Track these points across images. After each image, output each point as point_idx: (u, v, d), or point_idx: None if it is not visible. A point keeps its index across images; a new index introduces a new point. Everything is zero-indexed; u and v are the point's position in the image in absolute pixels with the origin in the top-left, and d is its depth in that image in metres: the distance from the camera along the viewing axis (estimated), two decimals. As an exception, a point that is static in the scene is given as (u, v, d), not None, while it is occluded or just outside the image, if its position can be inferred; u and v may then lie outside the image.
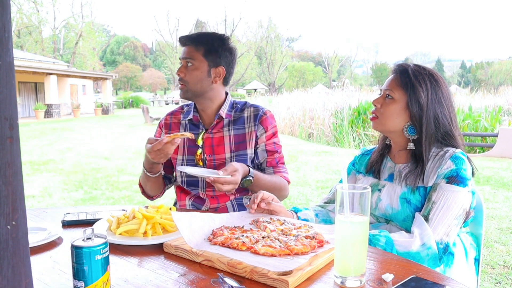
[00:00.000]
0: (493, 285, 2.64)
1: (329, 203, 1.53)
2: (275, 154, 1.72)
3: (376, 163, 1.46)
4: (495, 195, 4.87)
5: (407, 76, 1.32)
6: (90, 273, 0.82)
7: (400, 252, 1.16)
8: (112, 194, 5.26)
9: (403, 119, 1.34)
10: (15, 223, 0.59)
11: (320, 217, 1.46)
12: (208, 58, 1.65)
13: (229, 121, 1.72)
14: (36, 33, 39.65)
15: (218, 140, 1.70)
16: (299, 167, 6.81)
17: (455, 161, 1.25)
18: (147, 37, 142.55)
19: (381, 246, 1.15)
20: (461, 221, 1.24)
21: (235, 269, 0.94)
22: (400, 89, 1.33)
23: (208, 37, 1.68)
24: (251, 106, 1.76)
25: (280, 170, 1.72)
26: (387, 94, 1.36)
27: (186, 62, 1.65)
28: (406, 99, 1.32)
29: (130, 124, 16.53)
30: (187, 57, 1.65)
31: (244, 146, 1.70)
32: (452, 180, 1.23)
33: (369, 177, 1.47)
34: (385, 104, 1.36)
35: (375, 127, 1.41)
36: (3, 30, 0.57)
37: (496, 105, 11.86)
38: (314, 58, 71.93)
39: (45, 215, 1.46)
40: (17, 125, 0.60)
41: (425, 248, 1.17)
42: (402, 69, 1.36)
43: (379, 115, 1.37)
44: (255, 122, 1.71)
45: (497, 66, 54.54)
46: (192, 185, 1.72)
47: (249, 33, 55.59)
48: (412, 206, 1.29)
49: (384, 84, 1.40)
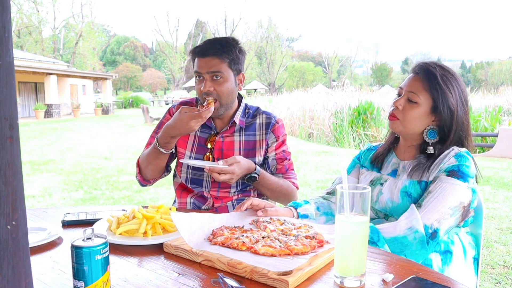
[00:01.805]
0: (493, 285, 2.64)
1: (332, 194, 1.53)
2: (284, 161, 1.73)
3: (381, 155, 1.46)
4: (495, 195, 4.87)
5: (436, 82, 1.29)
6: (90, 273, 0.82)
7: (387, 238, 1.16)
8: (112, 194, 5.26)
9: (425, 123, 1.32)
10: (15, 223, 0.59)
11: (322, 210, 1.46)
12: (233, 67, 1.62)
13: (241, 126, 1.71)
14: (36, 33, 39.64)
15: (228, 144, 1.70)
16: (299, 167, 6.81)
17: (459, 158, 1.25)
18: (147, 37, 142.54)
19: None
20: (458, 214, 1.22)
21: (235, 269, 0.94)
22: (426, 93, 1.30)
23: (229, 45, 1.61)
24: (263, 113, 1.76)
25: (289, 176, 1.73)
26: (409, 97, 1.32)
27: (213, 75, 1.58)
28: (431, 103, 1.30)
29: (130, 124, 16.53)
30: (215, 70, 1.57)
31: (254, 154, 1.70)
32: (453, 174, 1.23)
33: (372, 171, 1.47)
34: (408, 107, 1.32)
35: (394, 128, 1.38)
36: (3, 30, 0.57)
37: (496, 105, 11.85)
38: (314, 58, 71.90)
39: (45, 215, 1.46)
40: (17, 125, 0.60)
41: (412, 231, 1.16)
42: (428, 72, 1.31)
43: (400, 117, 1.34)
44: (267, 130, 1.71)
45: (497, 66, 54.54)
46: (196, 183, 1.72)
47: (249, 33, 55.65)
48: (412, 200, 1.29)
49: (405, 84, 1.35)
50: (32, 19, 39.15)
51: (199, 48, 1.61)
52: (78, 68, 37.99)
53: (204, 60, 1.58)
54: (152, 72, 62.08)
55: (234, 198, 1.70)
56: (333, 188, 1.55)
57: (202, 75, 1.59)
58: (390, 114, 1.37)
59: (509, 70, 50.52)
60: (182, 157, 1.73)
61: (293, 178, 1.73)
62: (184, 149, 1.73)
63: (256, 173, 1.57)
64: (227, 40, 1.64)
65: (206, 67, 1.57)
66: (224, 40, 1.64)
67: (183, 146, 1.74)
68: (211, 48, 1.58)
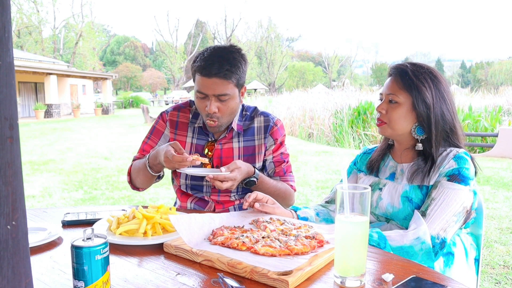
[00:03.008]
0: (493, 285, 2.64)
1: (330, 202, 1.53)
2: (282, 164, 1.70)
3: (377, 161, 1.46)
4: (495, 195, 4.86)
5: (408, 78, 1.31)
6: (90, 273, 0.82)
7: (394, 246, 1.16)
8: (112, 194, 5.26)
9: (411, 120, 1.33)
10: (15, 223, 0.59)
11: (321, 216, 1.46)
12: (239, 85, 1.55)
13: (239, 132, 1.66)
14: (36, 33, 39.63)
15: (227, 151, 1.65)
16: (299, 167, 6.81)
17: (458, 160, 1.25)
18: (147, 37, 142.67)
19: (375, 242, 1.15)
20: (461, 219, 1.23)
21: (235, 269, 0.94)
22: (403, 91, 1.32)
23: (237, 63, 1.51)
24: (261, 115, 1.70)
25: (287, 179, 1.71)
26: (390, 99, 1.34)
27: (219, 96, 1.50)
28: (411, 100, 1.31)
29: (130, 124, 16.53)
30: (222, 93, 1.49)
31: (253, 160, 1.66)
32: (454, 178, 1.23)
33: (370, 176, 1.46)
34: (391, 109, 1.34)
35: (384, 133, 1.39)
36: (3, 30, 0.57)
37: (496, 105, 11.86)
38: (314, 58, 71.91)
39: (45, 215, 1.46)
40: (17, 125, 0.60)
41: (419, 242, 1.16)
42: (400, 71, 1.34)
43: (386, 120, 1.35)
44: (265, 134, 1.67)
45: (497, 66, 54.51)
46: (196, 189, 1.68)
47: (249, 33, 55.61)
48: (413, 205, 1.29)
49: (384, 88, 1.38)
50: (32, 19, 39.15)
51: (204, 67, 1.48)
52: (78, 68, 37.99)
53: (210, 81, 1.47)
54: (152, 72, 62.08)
55: (236, 203, 1.68)
56: (331, 196, 1.55)
57: (206, 95, 1.51)
58: (377, 121, 1.39)
59: (509, 70, 50.51)
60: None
61: (291, 181, 1.71)
62: None
63: (255, 177, 1.55)
64: (234, 57, 1.51)
65: (212, 90, 1.48)
66: (231, 57, 1.51)
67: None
68: (219, 70, 1.46)
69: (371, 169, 1.47)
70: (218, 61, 1.47)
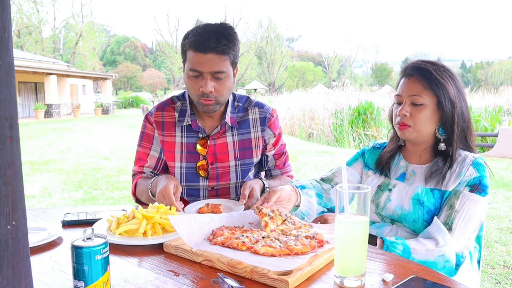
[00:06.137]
0: (493, 285, 2.64)
1: (326, 181, 1.51)
2: (282, 156, 1.70)
3: (387, 162, 1.41)
4: (495, 195, 4.86)
5: (433, 78, 1.26)
6: (90, 273, 0.82)
7: (417, 260, 1.14)
8: (112, 194, 5.26)
9: (435, 121, 1.30)
10: (15, 223, 0.59)
11: (315, 190, 1.45)
12: (233, 63, 1.47)
13: (233, 126, 1.59)
14: (36, 33, 39.63)
15: (221, 147, 1.58)
16: (299, 167, 6.81)
17: (477, 167, 1.24)
18: (147, 37, 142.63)
19: (398, 253, 1.13)
20: (477, 232, 1.23)
21: (235, 269, 0.94)
22: (428, 91, 1.27)
23: (233, 39, 1.43)
24: (256, 106, 1.63)
25: (286, 170, 1.73)
26: (413, 101, 1.28)
27: (216, 74, 1.41)
28: (435, 100, 1.27)
29: (130, 124, 16.52)
30: (219, 70, 1.40)
31: (250, 154, 1.61)
32: (475, 188, 1.21)
33: (379, 175, 1.42)
34: (415, 111, 1.28)
35: (408, 136, 1.32)
36: (3, 30, 0.57)
37: (496, 105, 11.87)
38: (314, 58, 71.91)
39: (45, 215, 1.46)
40: (17, 125, 0.60)
41: (443, 260, 1.14)
42: (422, 70, 1.29)
43: (410, 124, 1.29)
44: (262, 126, 1.61)
45: (497, 66, 54.48)
46: (193, 195, 1.65)
47: (249, 33, 55.54)
48: (424, 208, 1.26)
49: (403, 90, 1.31)
50: (32, 19, 39.14)
51: (200, 41, 1.38)
52: (78, 68, 37.99)
53: (206, 57, 1.38)
54: (152, 72, 62.06)
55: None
56: (328, 176, 1.52)
57: (201, 73, 1.41)
58: (399, 124, 1.32)
59: (509, 70, 50.48)
60: (173, 170, 1.60)
61: (290, 171, 1.74)
62: (173, 162, 1.59)
63: (267, 188, 1.56)
64: (230, 33, 1.43)
65: (209, 66, 1.39)
66: (227, 32, 1.42)
67: (171, 159, 1.60)
68: (217, 44, 1.37)
69: (380, 169, 1.42)
70: (215, 36, 1.38)
